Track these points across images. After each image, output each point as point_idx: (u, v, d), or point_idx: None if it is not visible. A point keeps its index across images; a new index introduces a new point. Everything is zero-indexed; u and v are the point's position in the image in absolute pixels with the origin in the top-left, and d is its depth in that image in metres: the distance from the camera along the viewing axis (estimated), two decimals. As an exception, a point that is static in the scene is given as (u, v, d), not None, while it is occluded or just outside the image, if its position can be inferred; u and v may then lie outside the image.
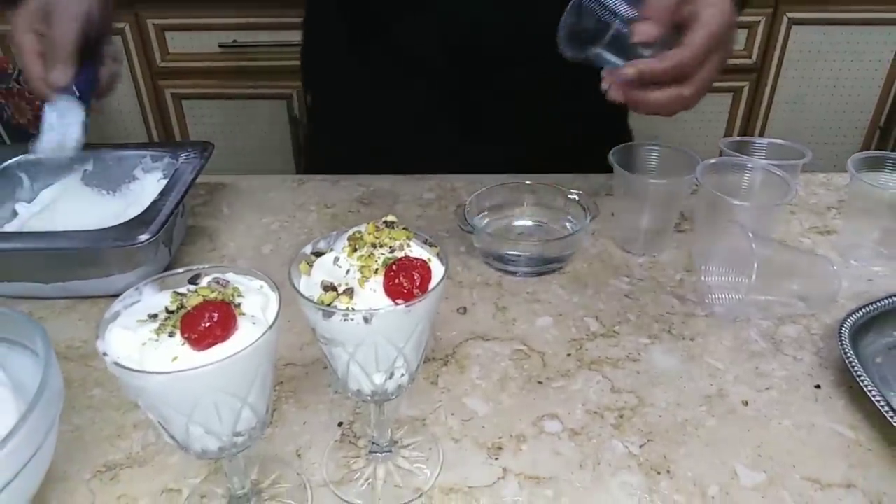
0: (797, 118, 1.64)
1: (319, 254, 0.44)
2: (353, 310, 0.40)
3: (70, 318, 0.66)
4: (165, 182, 0.72)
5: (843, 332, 0.57)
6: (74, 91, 0.70)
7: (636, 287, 0.70)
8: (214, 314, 0.37)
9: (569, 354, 0.61)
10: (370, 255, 0.42)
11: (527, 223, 0.78)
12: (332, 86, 0.96)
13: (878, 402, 0.51)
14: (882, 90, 1.60)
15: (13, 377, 0.47)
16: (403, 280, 0.40)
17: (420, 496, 0.49)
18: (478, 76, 0.84)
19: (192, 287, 0.41)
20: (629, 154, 0.74)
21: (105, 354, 0.37)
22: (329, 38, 0.92)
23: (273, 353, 0.41)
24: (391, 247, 0.42)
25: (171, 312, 0.39)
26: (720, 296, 0.67)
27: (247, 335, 0.38)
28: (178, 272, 0.43)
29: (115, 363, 0.36)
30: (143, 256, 0.66)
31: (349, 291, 0.40)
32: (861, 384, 0.52)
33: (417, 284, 0.40)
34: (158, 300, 0.41)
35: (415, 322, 0.42)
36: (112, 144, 0.79)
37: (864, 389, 0.52)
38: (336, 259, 0.42)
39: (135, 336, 0.38)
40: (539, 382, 0.58)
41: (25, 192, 0.76)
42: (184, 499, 0.49)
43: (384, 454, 0.52)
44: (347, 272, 0.41)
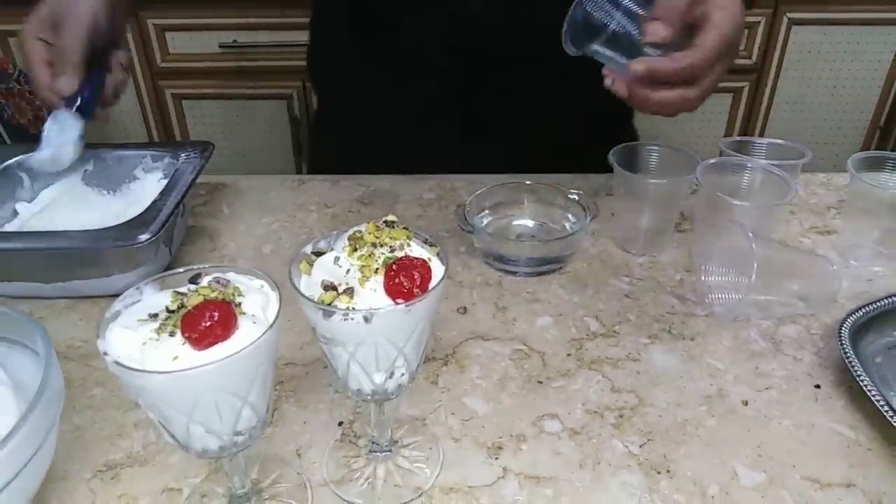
0: (797, 118, 1.64)
1: (320, 253, 0.44)
2: (354, 309, 0.40)
3: (70, 318, 0.66)
4: (166, 182, 0.72)
5: (843, 332, 0.57)
6: (79, 100, 0.70)
7: (636, 287, 0.70)
8: (215, 313, 0.38)
9: (569, 354, 0.61)
10: (370, 255, 0.42)
11: (527, 223, 0.78)
12: (338, 86, 0.96)
13: (878, 402, 0.51)
14: (882, 90, 1.60)
15: (14, 377, 0.47)
16: (404, 279, 0.40)
17: (420, 496, 0.49)
18: (479, 76, 0.84)
19: (193, 286, 0.41)
20: (629, 154, 0.74)
21: (106, 354, 0.37)
22: (334, 39, 0.92)
23: (273, 353, 0.41)
24: (391, 246, 0.43)
25: (172, 312, 0.39)
26: (720, 296, 0.67)
27: (247, 334, 0.38)
28: (179, 272, 0.43)
29: (116, 362, 0.36)
30: (144, 256, 0.66)
31: (349, 291, 0.40)
32: (861, 384, 0.52)
33: (417, 284, 0.40)
34: (159, 299, 0.41)
35: (415, 321, 0.42)
36: (112, 144, 0.80)
37: (864, 389, 0.52)
38: (336, 258, 0.42)
39: (135, 335, 0.38)
40: (539, 382, 0.58)
41: (26, 192, 0.76)
42: (184, 498, 0.49)
43: (384, 454, 0.52)
44: (348, 272, 0.42)
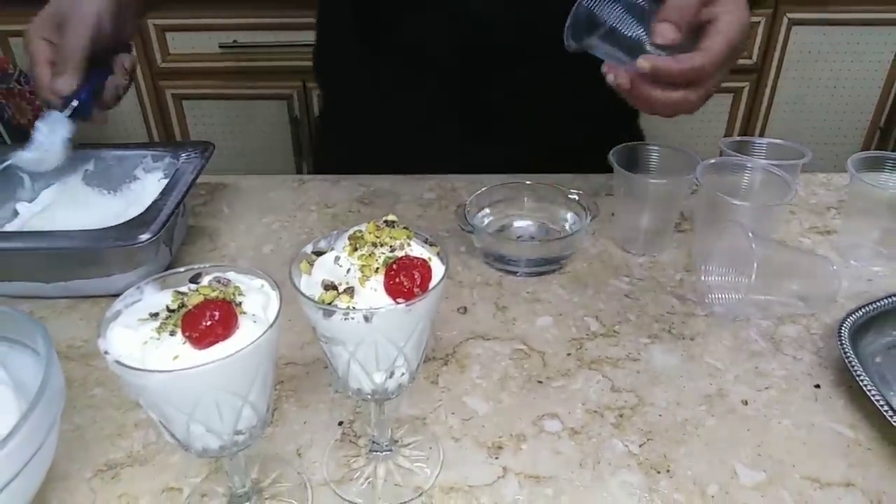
0: (797, 118, 1.64)
1: (320, 253, 0.44)
2: (354, 309, 0.40)
3: (71, 318, 0.66)
4: (166, 182, 0.72)
5: (843, 332, 0.57)
6: (76, 100, 0.70)
7: (636, 287, 0.70)
8: (215, 313, 0.38)
9: (569, 354, 0.61)
10: (371, 255, 0.42)
11: (527, 223, 0.78)
12: (344, 86, 0.96)
13: (878, 402, 0.51)
14: (882, 90, 1.60)
15: (14, 376, 0.47)
16: (404, 279, 0.40)
17: (420, 495, 0.49)
18: (480, 75, 0.84)
19: (193, 286, 0.42)
20: (629, 154, 0.74)
21: (106, 353, 0.37)
22: (339, 38, 0.92)
23: (274, 352, 0.41)
24: (392, 246, 0.43)
25: (173, 311, 0.39)
26: (720, 295, 0.67)
27: (248, 334, 0.38)
28: (180, 271, 0.43)
29: (117, 362, 0.37)
30: (144, 256, 0.66)
31: (350, 290, 0.40)
32: (861, 384, 0.53)
33: (418, 283, 0.41)
34: (159, 299, 0.41)
35: (415, 321, 0.42)
36: (113, 144, 0.80)
37: (864, 389, 0.52)
38: (337, 258, 0.42)
39: (136, 335, 0.38)
40: (539, 382, 0.58)
41: (26, 192, 0.76)
42: (184, 498, 0.49)
43: (384, 453, 0.52)
44: (348, 271, 0.42)
